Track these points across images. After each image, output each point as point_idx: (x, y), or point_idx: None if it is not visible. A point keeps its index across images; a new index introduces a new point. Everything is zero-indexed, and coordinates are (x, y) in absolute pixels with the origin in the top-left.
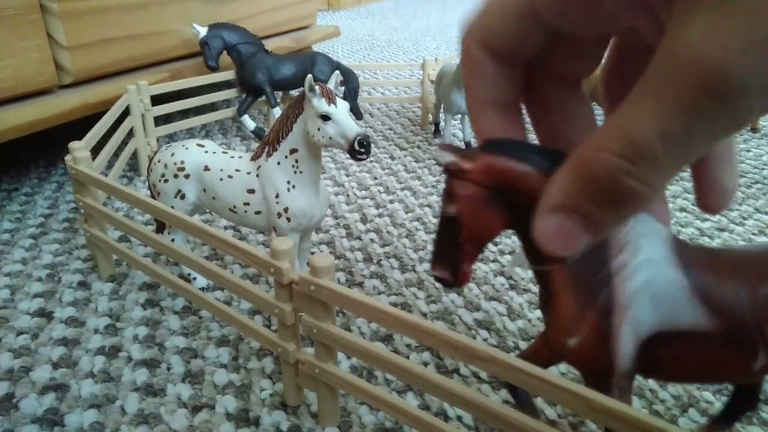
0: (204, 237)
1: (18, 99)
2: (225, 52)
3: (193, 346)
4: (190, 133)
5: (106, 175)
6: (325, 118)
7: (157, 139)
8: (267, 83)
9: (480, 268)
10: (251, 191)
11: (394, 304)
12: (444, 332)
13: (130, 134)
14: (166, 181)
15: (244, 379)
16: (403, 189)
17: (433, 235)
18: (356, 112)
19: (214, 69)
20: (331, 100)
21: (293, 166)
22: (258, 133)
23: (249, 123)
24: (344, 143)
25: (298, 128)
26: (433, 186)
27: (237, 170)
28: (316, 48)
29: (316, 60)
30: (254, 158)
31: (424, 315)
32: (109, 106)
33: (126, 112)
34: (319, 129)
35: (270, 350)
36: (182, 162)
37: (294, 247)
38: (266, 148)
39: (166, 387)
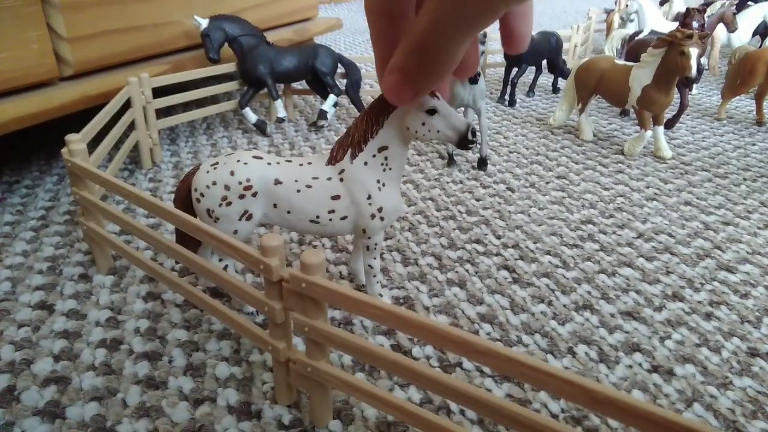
0: (198, 234)
1: (19, 91)
2: (226, 44)
3: (195, 339)
4: (192, 125)
5: (106, 168)
6: (432, 112)
7: (159, 132)
8: (268, 75)
9: (483, 261)
10: (336, 197)
11: (397, 298)
12: (439, 326)
13: (131, 127)
14: (228, 204)
15: (245, 373)
16: (405, 182)
17: (435, 229)
18: (358, 105)
19: (215, 61)
20: (433, 93)
21: (382, 164)
22: (259, 126)
23: (250, 115)
24: (453, 135)
25: (390, 125)
26: (435, 179)
27: (314, 178)
28: (317, 40)
29: (318, 52)
30: (332, 162)
31: (427, 309)
32: (111, 98)
33: (127, 105)
34: (424, 124)
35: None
36: (248, 180)
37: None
38: (349, 150)
39: (167, 380)
